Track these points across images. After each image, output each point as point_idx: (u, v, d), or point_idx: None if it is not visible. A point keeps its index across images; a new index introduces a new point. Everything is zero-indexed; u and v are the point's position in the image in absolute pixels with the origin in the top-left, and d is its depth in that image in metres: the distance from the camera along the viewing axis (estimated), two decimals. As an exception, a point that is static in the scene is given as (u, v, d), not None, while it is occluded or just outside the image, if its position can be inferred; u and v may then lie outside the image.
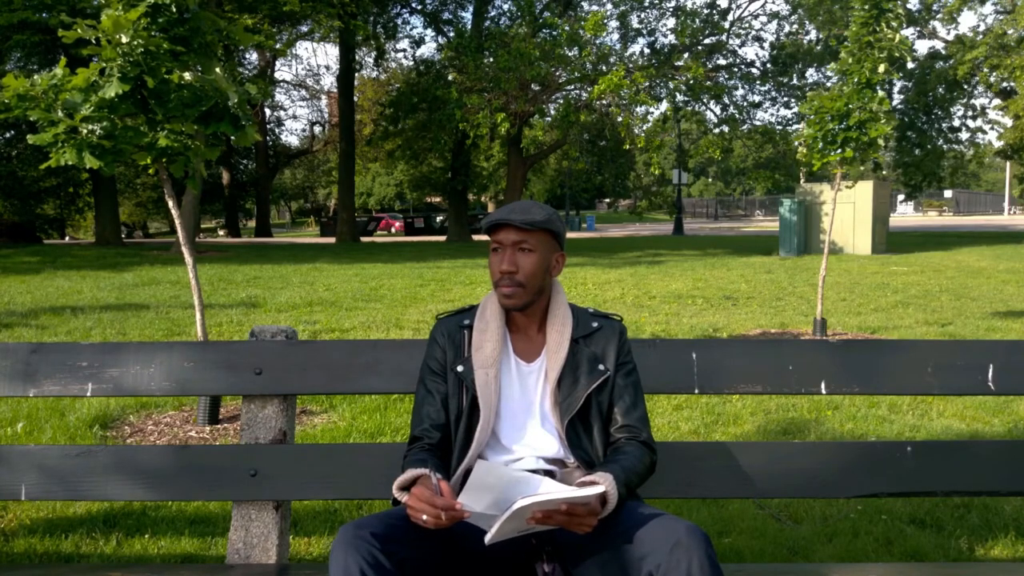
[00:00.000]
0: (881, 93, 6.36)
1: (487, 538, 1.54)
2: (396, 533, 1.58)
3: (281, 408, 2.16)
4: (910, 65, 23.54)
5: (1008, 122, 24.54)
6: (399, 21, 27.08)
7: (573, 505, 1.51)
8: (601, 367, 1.86)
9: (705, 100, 24.17)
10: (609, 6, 25.21)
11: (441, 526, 1.53)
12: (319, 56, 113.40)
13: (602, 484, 1.61)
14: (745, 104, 26.04)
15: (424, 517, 1.53)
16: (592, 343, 1.89)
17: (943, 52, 25.61)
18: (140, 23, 3.82)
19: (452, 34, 24.31)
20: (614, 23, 24.19)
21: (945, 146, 27.52)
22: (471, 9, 24.56)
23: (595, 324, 1.92)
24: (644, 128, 20.70)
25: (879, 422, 4.41)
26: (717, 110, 25.65)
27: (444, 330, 1.93)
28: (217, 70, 4.08)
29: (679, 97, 23.23)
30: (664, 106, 24.67)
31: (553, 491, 1.55)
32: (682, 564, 1.49)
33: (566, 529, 1.56)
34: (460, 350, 1.89)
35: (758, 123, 26.52)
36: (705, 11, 24.61)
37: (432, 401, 1.89)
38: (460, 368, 1.86)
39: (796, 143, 7.20)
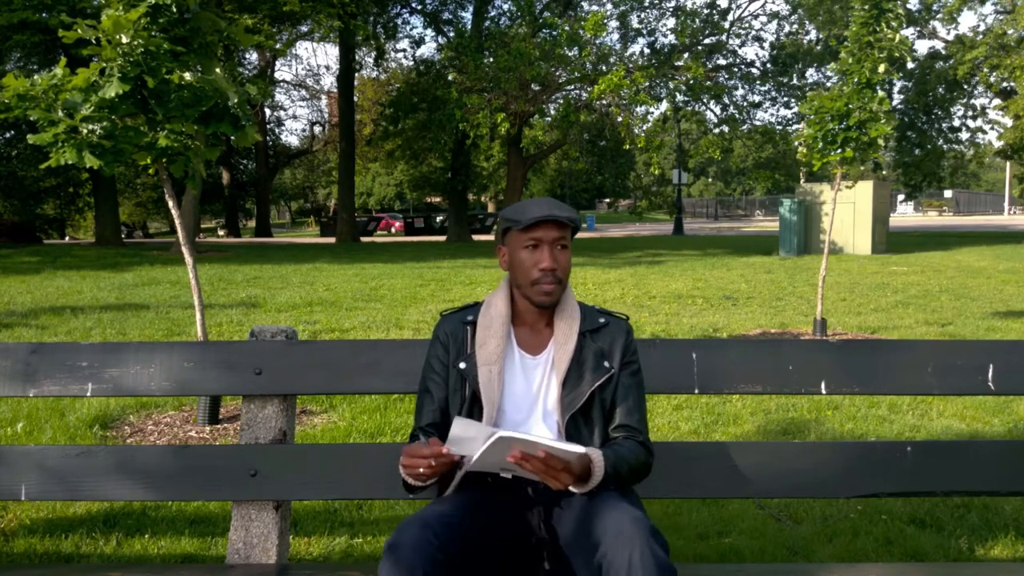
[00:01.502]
0: (881, 93, 6.36)
1: (467, 465, 1.62)
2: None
3: (281, 408, 2.16)
4: (910, 65, 23.52)
5: (1008, 122, 24.51)
6: (399, 21, 27.09)
7: (550, 454, 1.54)
8: (607, 364, 1.88)
9: (705, 100, 24.17)
10: (609, 6, 25.22)
11: (437, 473, 1.62)
12: (319, 56, 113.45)
13: (584, 450, 1.65)
14: (745, 104, 26.05)
15: (420, 470, 1.60)
16: (599, 338, 1.90)
17: (943, 52, 25.59)
18: (140, 23, 3.82)
19: (452, 34, 24.31)
20: (614, 23, 24.20)
21: (945, 146, 27.50)
22: (471, 9, 24.55)
23: (602, 320, 1.94)
24: (644, 128, 20.69)
25: (879, 422, 4.41)
26: (717, 110, 25.66)
27: (447, 327, 1.95)
28: (217, 70, 4.08)
29: (679, 97, 23.23)
30: (664, 106, 24.70)
31: (536, 436, 1.60)
32: (623, 554, 1.51)
33: (543, 482, 1.60)
34: (463, 347, 1.90)
35: (758, 123, 26.52)
36: (705, 11, 24.61)
37: (433, 398, 1.91)
38: (463, 365, 1.87)
39: (796, 143, 7.19)
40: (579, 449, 1.60)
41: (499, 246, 1.93)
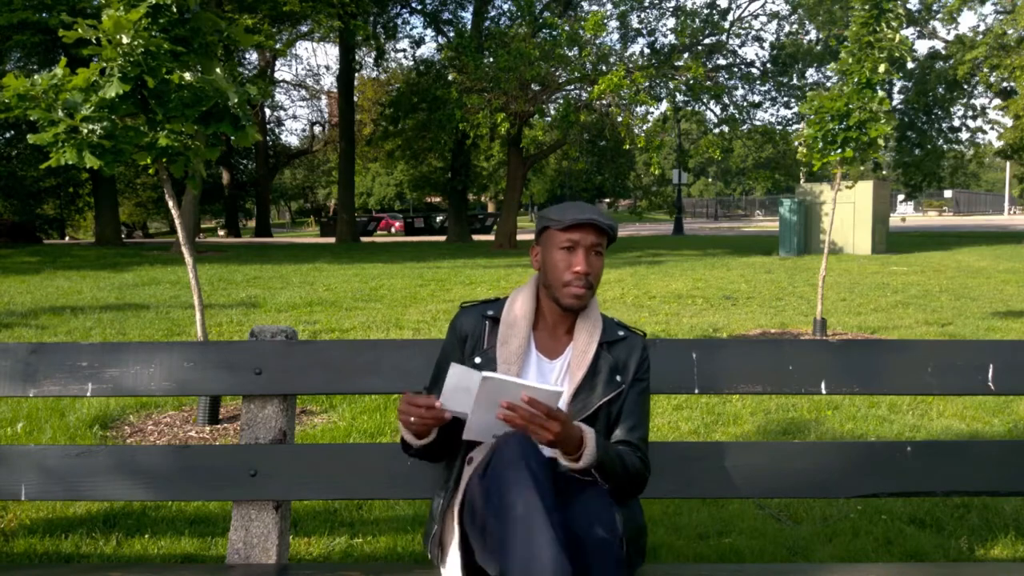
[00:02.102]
0: (881, 93, 6.36)
1: (464, 434, 1.67)
2: None
3: (281, 408, 2.16)
4: (910, 65, 23.55)
5: (1008, 122, 24.50)
6: (399, 21, 27.07)
7: (533, 399, 1.58)
8: (618, 378, 1.89)
9: (705, 100, 24.12)
10: (609, 6, 25.25)
11: (427, 424, 1.68)
12: (319, 56, 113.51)
13: (562, 388, 1.69)
14: (745, 104, 26.03)
15: (412, 419, 1.67)
16: (615, 351, 1.91)
17: (943, 52, 25.61)
18: (141, 23, 3.82)
19: (452, 34, 24.31)
20: (614, 23, 24.18)
21: (945, 146, 27.53)
22: (471, 9, 24.53)
23: (620, 333, 1.95)
24: (644, 128, 20.65)
25: (879, 422, 4.41)
26: (717, 110, 25.64)
27: (466, 319, 1.95)
28: (217, 70, 4.08)
29: (679, 97, 23.19)
30: (664, 106, 24.67)
31: (518, 379, 1.65)
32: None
33: (532, 438, 1.63)
34: (480, 341, 1.91)
35: (758, 123, 26.51)
36: (705, 11, 24.60)
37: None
38: (478, 360, 1.88)
39: (796, 143, 7.19)
40: (556, 388, 1.64)
41: (533, 245, 1.94)
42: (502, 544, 1.51)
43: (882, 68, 6.34)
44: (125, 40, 3.79)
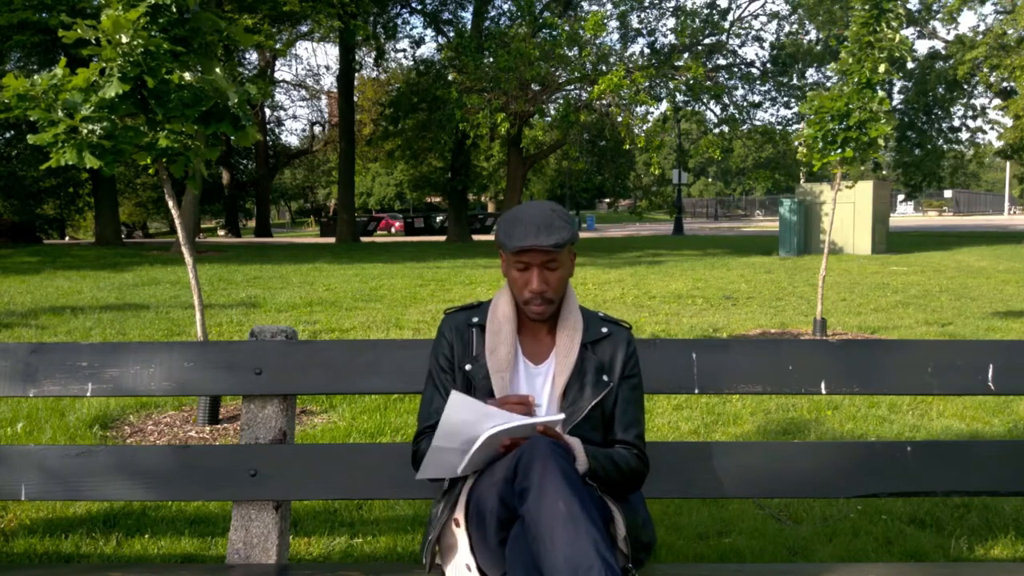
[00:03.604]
0: (881, 93, 6.36)
1: (459, 470, 1.68)
2: None
3: (281, 408, 2.15)
4: (910, 65, 23.54)
5: (1008, 122, 24.51)
6: (399, 21, 27.06)
7: (548, 427, 1.66)
8: (605, 378, 1.88)
9: (705, 100, 24.14)
10: (609, 6, 25.25)
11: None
12: (319, 56, 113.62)
13: (562, 417, 1.79)
14: (745, 104, 26.05)
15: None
16: (599, 350, 1.90)
17: (943, 52, 25.64)
18: (140, 23, 3.82)
19: (452, 34, 24.33)
20: (614, 23, 24.21)
21: (945, 146, 27.57)
22: (471, 9, 24.55)
23: (604, 330, 1.93)
24: (644, 128, 20.66)
25: (879, 422, 4.41)
26: (717, 110, 25.65)
27: (452, 326, 1.94)
28: (217, 70, 4.08)
29: (679, 97, 23.20)
30: (664, 106, 24.69)
31: (520, 419, 1.69)
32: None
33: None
34: (468, 348, 1.90)
35: (758, 123, 26.51)
36: (705, 11, 24.63)
37: (440, 398, 1.91)
38: (468, 367, 1.87)
39: (796, 143, 7.19)
40: (558, 417, 1.74)
41: (500, 249, 1.91)
42: (544, 544, 1.51)
43: (882, 68, 6.34)
44: (125, 40, 3.79)
